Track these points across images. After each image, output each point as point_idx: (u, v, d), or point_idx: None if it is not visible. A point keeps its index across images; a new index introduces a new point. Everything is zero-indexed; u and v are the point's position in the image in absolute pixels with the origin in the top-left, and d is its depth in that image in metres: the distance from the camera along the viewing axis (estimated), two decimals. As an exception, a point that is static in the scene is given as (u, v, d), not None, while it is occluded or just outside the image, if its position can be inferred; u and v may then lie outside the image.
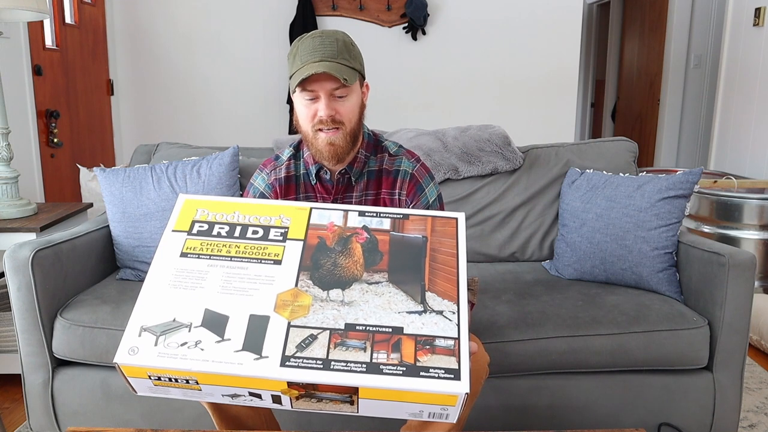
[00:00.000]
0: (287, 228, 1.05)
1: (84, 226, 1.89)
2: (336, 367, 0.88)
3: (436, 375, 0.87)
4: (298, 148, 1.40)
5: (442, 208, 1.39)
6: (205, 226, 1.06)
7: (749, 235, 2.81)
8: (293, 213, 1.07)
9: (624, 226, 1.77)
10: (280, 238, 1.04)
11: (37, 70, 2.88)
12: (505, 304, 1.66)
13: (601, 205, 1.83)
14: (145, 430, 1.14)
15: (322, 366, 0.88)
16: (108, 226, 1.90)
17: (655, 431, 1.62)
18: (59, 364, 1.64)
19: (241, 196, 1.89)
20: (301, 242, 1.03)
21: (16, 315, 1.58)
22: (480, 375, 1.20)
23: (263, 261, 1.00)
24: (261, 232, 1.05)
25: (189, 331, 0.92)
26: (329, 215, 1.07)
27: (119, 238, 1.87)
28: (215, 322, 0.93)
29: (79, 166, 3.16)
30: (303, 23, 3.76)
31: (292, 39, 3.80)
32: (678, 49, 4.80)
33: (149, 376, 0.90)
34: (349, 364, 0.88)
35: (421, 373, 0.88)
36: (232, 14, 3.86)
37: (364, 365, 0.89)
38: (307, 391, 0.89)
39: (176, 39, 3.89)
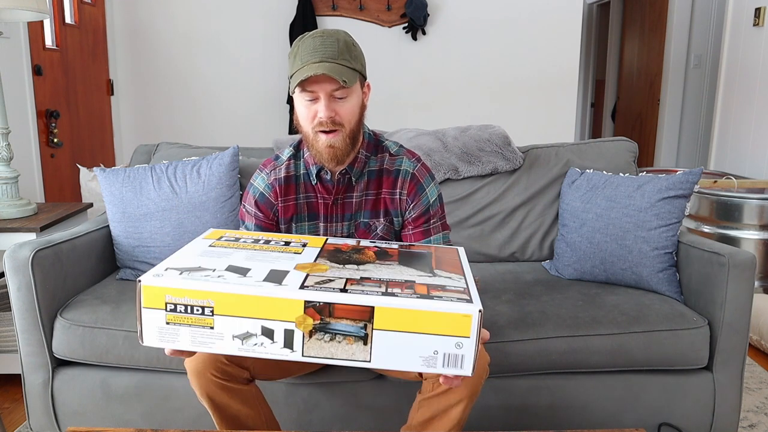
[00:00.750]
0: (306, 242, 1.16)
1: (84, 226, 1.89)
2: (353, 291, 0.92)
3: (449, 299, 0.92)
4: (298, 148, 1.40)
5: (442, 208, 1.39)
6: (233, 239, 1.16)
7: (749, 235, 2.81)
8: (310, 238, 1.20)
9: (624, 226, 1.77)
10: (301, 247, 1.13)
11: (37, 70, 2.88)
12: (505, 304, 1.66)
13: (601, 205, 1.83)
14: (145, 430, 1.14)
15: (339, 290, 0.92)
16: (108, 226, 1.90)
17: (655, 431, 1.62)
18: (59, 364, 1.64)
19: (241, 196, 1.89)
20: (319, 248, 1.13)
21: (16, 315, 1.59)
22: (480, 375, 1.20)
23: (285, 253, 1.09)
24: (282, 243, 1.15)
25: (213, 271, 0.97)
26: (344, 240, 1.20)
27: (119, 238, 1.87)
28: (238, 270, 0.98)
29: (79, 166, 3.16)
30: (303, 23, 3.76)
31: (292, 39, 3.80)
32: (678, 49, 4.80)
33: (166, 306, 0.91)
34: (365, 291, 0.93)
35: (434, 298, 0.92)
36: (232, 14, 3.86)
37: (380, 292, 0.93)
38: (323, 319, 0.90)
39: (176, 39, 3.88)
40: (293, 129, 3.82)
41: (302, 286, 0.92)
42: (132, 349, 1.56)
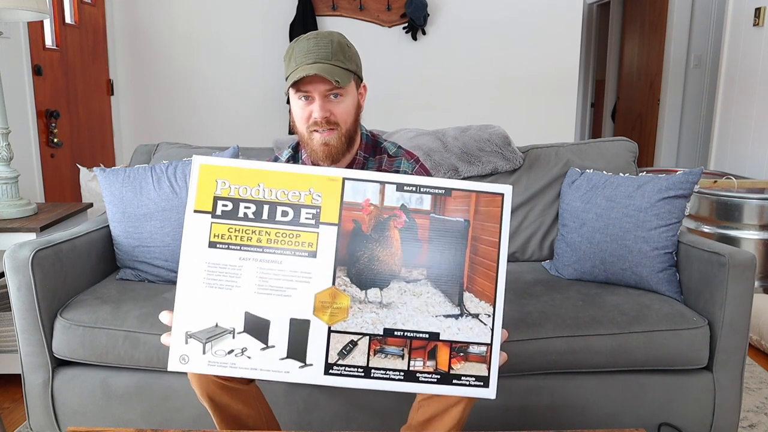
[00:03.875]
0: (319, 208, 0.98)
1: (84, 226, 1.89)
2: (376, 375, 0.95)
3: (467, 383, 0.96)
4: (296, 149, 1.40)
5: (442, 209, 1.39)
6: (229, 205, 0.98)
7: (749, 235, 2.80)
8: (325, 186, 0.98)
9: (624, 226, 1.77)
10: (313, 221, 0.98)
11: (37, 70, 2.88)
12: (506, 304, 1.65)
13: (601, 205, 1.83)
14: (145, 430, 1.13)
15: (363, 374, 0.95)
16: (108, 226, 1.90)
17: (655, 431, 1.62)
18: (59, 364, 1.64)
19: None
20: (335, 227, 0.97)
21: (16, 315, 1.58)
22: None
23: (297, 253, 0.97)
24: (291, 213, 0.98)
25: (233, 337, 0.95)
26: (364, 190, 0.98)
27: (119, 238, 1.87)
28: (257, 328, 0.95)
29: (79, 166, 3.16)
30: (303, 23, 3.76)
31: (292, 39, 3.80)
32: (678, 49, 4.80)
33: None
34: (388, 372, 0.95)
35: (454, 381, 0.96)
36: (232, 14, 3.86)
37: (402, 373, 0.95)
38: None
39: (176, 39, 3.88)
40: (293, 129, 3.82)
41: (327, 367, 0.95)
42: (132, 349, 1.56)
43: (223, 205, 0.98)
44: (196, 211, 0.98)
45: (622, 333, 1.56)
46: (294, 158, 1.40)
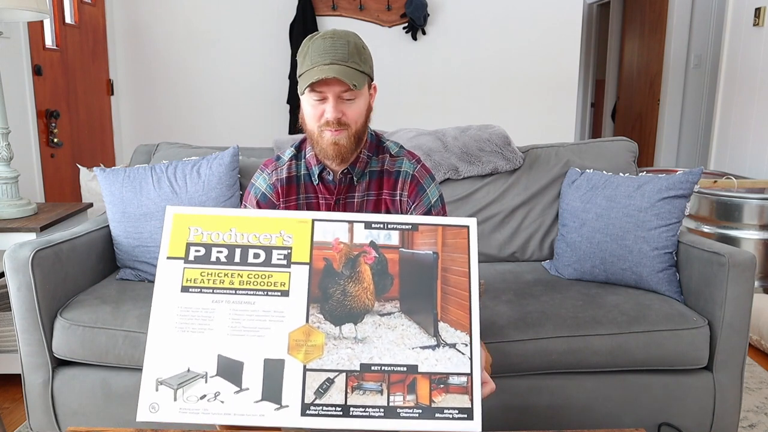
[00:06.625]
0: (290, 248, 1.00)
1: (84, 226, 1.89)
2: (355, 413, 0.91)
3: (451, 416, 0.92)
4: (299, 148, 1.40)
5: (443, 208, 1.39)
6: (202, 250, 1.00)
7: (749, 235, 2.80)
8: (295, 228, 1.02)
9: (624, 226, 1.77)
10: (284, 262, 1.00)
11: (37, 70, 2.88)
12: (505, 304, 1.66)
13: (601, 205, 1.83)
14: (145, 430, 1.14)
15: (341, 413, 0.91)
16: (108, 226, 1.90)
17: (655, 431, 1.62)
18: (59, 364, 1.64)
19: (242, 196, 1.89)
20: (307, 266, 0.99)
21: (16, 315, 1.58)
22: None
23: (270, 293, 0.97)
24: (263, 255, 1.00)
25: (206, 381, 0.93)
26: (333, 229, 1.01)
27: (119, 238, 1.87)
28: (230, 370, 0.93)
29: (79, 166, 3.16)
30: (303, 23, 3.75)
31: (292, 39, 3.80)
32: (678, 49, 4.80)
33: None
34: (367, 410, 0.92)
35: (437, 415, 0.92)
36: (232, 14, 3.86)
37: (382, 409, 0.92)
38: None
39: (176, 39, 3.88)
40: (293, 129, 3.82)
41: (303, 408, 0.91)
42: (132, 349, 1.56)
43: (196, 251, 1.00)
44: (168, 258, 1.00)
45: (622, 333, 1.57)
46: (297, 157, 1.40)
